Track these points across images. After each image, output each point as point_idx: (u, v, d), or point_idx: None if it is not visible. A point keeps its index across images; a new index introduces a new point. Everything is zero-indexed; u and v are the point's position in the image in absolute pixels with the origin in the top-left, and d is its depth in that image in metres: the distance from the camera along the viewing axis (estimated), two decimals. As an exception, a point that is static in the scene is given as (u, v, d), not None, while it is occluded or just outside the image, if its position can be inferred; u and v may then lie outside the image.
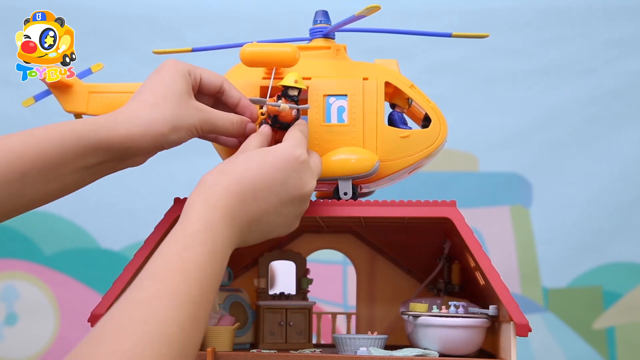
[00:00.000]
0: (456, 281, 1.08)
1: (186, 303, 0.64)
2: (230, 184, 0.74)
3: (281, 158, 0.79)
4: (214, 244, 0.70)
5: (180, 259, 0.66)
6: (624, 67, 1.89)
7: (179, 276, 0.65)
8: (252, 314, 1.08)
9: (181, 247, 0.67)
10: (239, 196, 0.74)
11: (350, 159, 0.90)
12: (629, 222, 1.86)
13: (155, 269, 0.65)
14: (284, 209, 0.79)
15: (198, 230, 0.69)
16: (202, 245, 0.68)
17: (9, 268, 1.87)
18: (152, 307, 0.62)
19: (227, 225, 0.72)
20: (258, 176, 0.76)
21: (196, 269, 0.66)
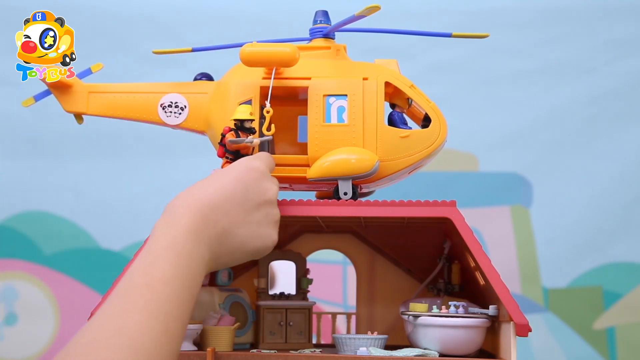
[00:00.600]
0: (456, 281, 1.08)
1: (156, 316, 0.66)
2: (191, 202, 0.77)
3: (238, 170, 0.82)
4: (178, 258, 0.72)
5: (147, 275, 0.69)
6: (624, 67, 1.89)
7: (146, 292, 0.67)
8: (252, 314, 1.08)
9: (147, 264, 0.70)
10: (201, 212, 0.76)
11: (350, 159, 0.90)
12: (629, 222, 1.86)
13: (123, 287, 0.68)
14: (252, 217, 0.80)
15: (162, 247, 0.72)
16: (167, 261, 0.71)
17: (8, 268, 1.87)
18: (122, 321, 0.65)
19: (192, 241, 0.74)
20: (218, 190, 0.79)
21: (163, 284, 0.69)
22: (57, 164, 1.89)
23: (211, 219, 0.76)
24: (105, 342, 0.63)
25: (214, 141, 0.95)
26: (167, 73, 1.75)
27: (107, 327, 0.64)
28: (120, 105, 0.97)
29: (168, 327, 0.67)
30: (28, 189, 1.88)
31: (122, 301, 0.67)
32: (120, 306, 0.66)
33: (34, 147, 1.90)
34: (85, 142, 1.89)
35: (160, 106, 0.96)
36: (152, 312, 0.66)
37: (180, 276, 0.70)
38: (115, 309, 0.66)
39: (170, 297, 0.68)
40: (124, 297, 0.67)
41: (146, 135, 1.87)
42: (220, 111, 0.93)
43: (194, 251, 0.73)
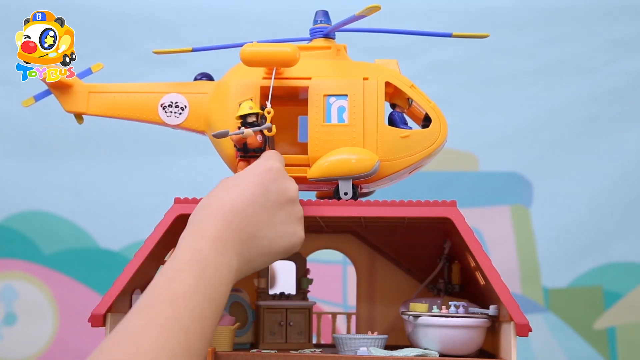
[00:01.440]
0: (456, 281, 1.08)
1: (176, 332, 0.65)
2: (215, 212, 0.77)
3: (255, 174, 0.81)
4: (203, 272, 0.71)
5: (169, 290, 0.68)
6: (624, 67, 1.89)
7: (167, 307, 0.67)
8: (252, 314, 1.08)
9: (169, 278, 0.70)
10: (226, 219, 0.76)
11: (351, 159, 0.90)
12: (629, 222, 1.86)
13: (145, 302, 0.68)
14: (276, 218, 0.80)
15: (185, 261, 0.71)
16: (190, 274, 0.70)
17: (8, 268, 1.87)
18: (141, 338, 0.64)
19: (219, 251, 0.74)
20: (239, 197, 0.78)
21: (185, 299, 0.68)
22: (56, 164, 1.89)
23: (236, 225, 0.76)
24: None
25: (214, 141, 0.95)
26: (167, 73, 1.75)
27: (125, 345, 0.63)
28: (121, 105, 0.97)
29: (189, 343, 0.66)
30: (27, 189, 1.88)
31: (141, 317, 0.66)
32: (139, 322, 0.65)
33: (33, 147, 1.90)
34: (85, 142, 1.89)
35: (161, 106, 0.96)
36: (173, 328, 0.65)
37: (203, 289, 0.70)
38: (134, 326, 0.65)
39: (193, 312, 0.67)
40: (144, 313, 0.66)
41: (146, 135, 1.87)
42: (220, 111, 0.93)
43: (220, 261, 0.73)
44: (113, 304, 0.89)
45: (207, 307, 0.69)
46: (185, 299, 0.68)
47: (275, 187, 0.81)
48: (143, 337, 0.64)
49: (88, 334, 1.04)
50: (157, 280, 0.70)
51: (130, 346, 0.63)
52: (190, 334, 0.66)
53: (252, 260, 0.78)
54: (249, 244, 0.77)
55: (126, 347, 0.63)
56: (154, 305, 0.67)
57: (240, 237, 0.76)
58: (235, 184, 0.81)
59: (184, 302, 0.68)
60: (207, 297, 0.70)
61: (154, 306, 0.67)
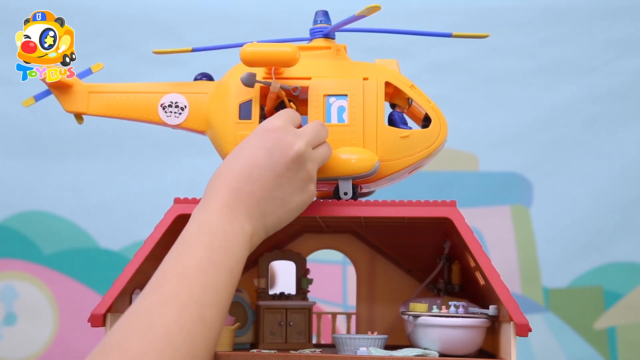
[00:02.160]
0: (456, 281, 1.08)
1: (188, 305, 0.65)
2: (221, 181, 0.77)
3: (257, 136, 0.81)
4: (212, 242, 0.71)
5: (179, 264, 0.69)
6: (624, 67, 1.89)
7: (178, 281, 0.67)
8: (252, 314, 1.08)
9: (179, 253, 0.70)
10: (232, 186, 0.76)
11: (350, 159, 0.90)
12: (629, 222, 1.86)
13: (157, 278, 0.68)
14: (283, 177, 0.79)
15: (194, 233, 0.72)
16: (199, 246, 0.70)
17: (7, 268, 1.87)
18: (153, 314, 0.64)
19: (229, 218, 0.74)
20: (243, 162, 0.78)
21: (195, 271, 0.68)
22: (56, 164, 1.89)
23: (243, 190, 0.76)
24: (137, 338, 0.62)
25: (214, 141, 0.95)
26: (167, 73, 1.75)
27: (138, 323, 0.64)
28: (121, 105, 0.97)
29: (203, 315, 0.66)
30: (27, 189, 1.88)
31: (153, 294, 0.66)
32: (151, 299, 0.66)
33: (33, 147, 1.90)
34: (85, 142, 1.89)
35: (161, 106, 0.96)
36: (184, 301, 0.66)
37: (214, 259, 0.70)
38: (146, 303, 0.66)
39: (204, 283, 0.68)
40: (156, 289, 0.67)
41: (146, 135, 1.87)
42: (220, 111, 0.93)
43: (229, 228, 0.73)
44: (113, 304, 0.89)
45: (220, 276, 0.69)
46: (196, 270, 0.68)
47: (278, 146, 0.80)
48: (154, 313, 0.64)
49: (88, 334, 1.04)
50: (168, 257, 0.70)
51: (142, 323, 0.64)
52: (203, 306, 0.66)
53: (268, 221, 0.78)
54: (259, 206, 0.77)
55: (138, 324, 0.63)
56: (165, 281, 0.67)
57: (249, 201, 0.76)
58: (240, 149, 0.80)
59: (195, 274, 0.68)
60: (219, 266, 0.70)
61: (165, 282, 0.67)
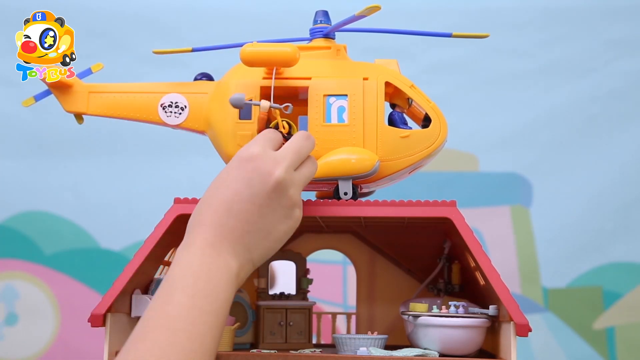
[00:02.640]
0: (456, 281, 1.08)
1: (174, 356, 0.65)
2: (202, 218, 0.75)
3: (235, 167, 0.78)
4: (195, 286, 0.70)
5: (164, 313, 0.68)
6: (624, 67, 1.89)
7: (163, 333, 0.66)
8: (252, 314, 1.08)
9: (164, 302, 0.69)
10: (214, 223, 0.75)
11: (350, 159, 0.90)
12: (629, 222, 1.86)
13: (142, 329, 0.67)
14: (265, 207, 0.77)
15: (176, 278, 0.71)
16: (183, 294, 0.69)
17: (8, 268, 1.87)
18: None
19: (212, 257, 0.73)
20: (221, 196, 0.76)
21: (180, 321, 0.67)
22: (57, 164, 1.89)
23: (226, 226, 0.74)
24: None
25: (214, 141, 0.95)
26: (168, 73, 1.75)
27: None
28: (121, 105, 0.97)
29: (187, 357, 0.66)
30: (28, 189, 1.89)
31: (139, 347, 0.66)
32: (137, 354, 0.65)
33: (34, 147, 1.90)
34: (86, 142, 1.89)
35: (161, 106, 0.96)
36: (170, 353, 0.65)
37: (198, 305, 0.69)
38: (133, 356, 0.65)
39: (189, 333, 0.67)
40: (141, 342, 0.66)
41: (146, 135, 1.87)
42: (220, 111, 0.93)
43: (214, 267, 0.72)
44: (113, 304, 0.89)
45: (205, 323, 0.68)
46: (180, 320, 0.67)
47: (257, 176, 0.77)
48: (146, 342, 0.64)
49: (89, 334, 1.04)
50: (152, 304, 0.69)
51: None
52: (188, 354, 0.66)
53: (254, 254, 0.77)
54: (244, 241, 0.75)
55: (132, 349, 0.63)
56: (150, 333, 0.67)
57: (232, 237, 0.74)
58: (220, 182, 0.78)
59: (179, 324, 0.67)
60: (204, 312, 0.69)
61: (149, 334, 0.67)
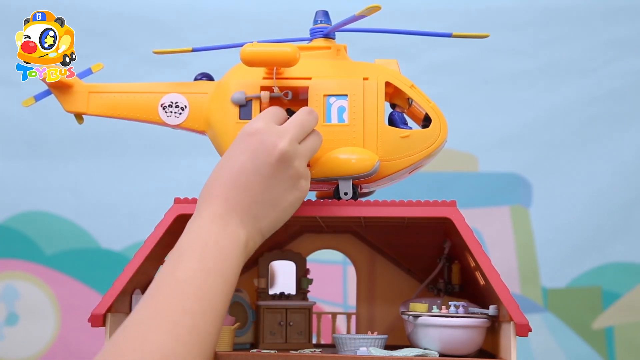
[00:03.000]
0: (456, 281, 1.08)
1: (182, 317, 0.66)
2: (210, 191, 0.78)
3: (240, 140, 0.81)
4: (203, 250, 0.72)
5: (172, 276, 0.70)
6: (624, 67, 1.89)
7: (171, 294, 0.68)
8: (252, 314, 1.08)
9: (172, 266, 0.71)
10: (222, 195, 0.77)
11: (351, 159, 0.90)
12: (628, 222, 1.86)
13: (151, 292, 0.69)
14: (271, 179, 0.79)
15: (186, 244, 0.73)
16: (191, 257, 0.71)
17: (9, 268, 1.87)
18: (147, 328, 0.65)
19: (220, 227, 0.75)
20: (228, 170, 0.79)
21: (187, 283, 0.69)
22: (57, 164, 1.89)
23: (233, 198, 0.77)
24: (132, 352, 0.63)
25: (214, 141, 0.95)
26: (168, 73, 1.75)
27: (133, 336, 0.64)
28: (121, 105, 0.97)
29: (197, 326, 0.67)
30: (28, 189, 1.89)
31: (147, 307, 0.67)
32: (145, 313, 0.67)
33: (34, 147, 1.90)
34: (86, 142, 1.89)
35: (161, 106, 0.96)
36: (178, 313, 0.66)
37: (207, 268, 0.70)
38: (140, 316, 0.67)
39: (198, 294, 0.68)
40: (150, 303, 0.68)
41: (147, 136, 1.88)
42: (220, 111, 0.93)
43: (222, 236, 0.74)
44: (113, 304, 0.89)
45: (214, 285, 0.70)
46: (189, 281, 0.69)
47: (261, 148, 0.79)
48: (149, 327, 0.65)
49: (89, 334, 1.04)
50: (162, 269, 0.71)
51: (137, 336, 0.64)
52: (197, 316, 0.67)
53: (262, 224, 0.79)
54: (251, 211, 0.77)
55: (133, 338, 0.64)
56: (159, 294, 0.68)
57: (240, 208, 0.76)
58: (226, 156, 0.80)
59: (188, 286, 0.68)
60: (213, 275, 0.70)
61: (158, 295, 0.68)
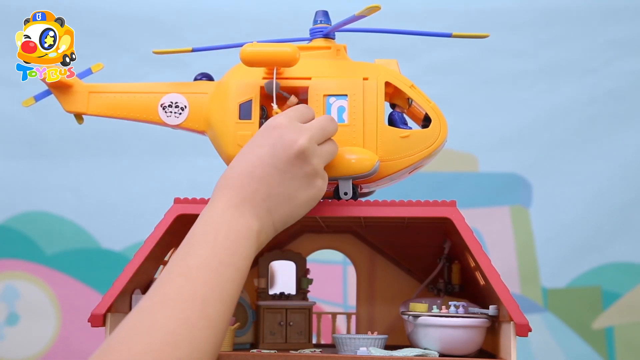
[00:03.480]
0: (456, 281, 1.08)
1: (191, 303, 0.66)
2: (226, 180, 0.78)
3: (261, 135, 0.81)
4: (215, 238, 0.72)
5: (184, 263, 0.70)
6: (623, 67, 1.89)
7: (182, 280, 0.68)
8: (252, 314, 1.08)
9: (184, 253, 0.71)
10: (237, 185, 0.77)
11: (350, 159, 0.90)
12: (628, 222, 1.86)
13: (162, 278, 0.69)
14: (288, 174, 0.80)
15: (198, 233, 0.73)
16: (203, 244, 0.71)
17: (9, 268, 1.87)
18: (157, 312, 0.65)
19: (234, 217, 0.75)
20: (245, 161, 0.79)
21: (198, 269, 0.69)
22: (57, 164, 1.90)
23: (248, 188, 0.77)
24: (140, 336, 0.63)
25: (214, 141, 0.95)
26: (168, 73, 1.75)
27: (142, 321, 0.64)
28: (121, 105, 0.97)
29: (207, 312, 0.66)
30: (29, 189, 1.89)
31: (157, 293, 0.67)
32: (155, 298, 0.67)
33: (34, 147, 1.90)
34: (86, 142, 1.89)
35: (161, 106, 0.96)
36: (187, 299, 0.66)
37: (219, 256, 0.70)
38: (150, 302, 0.66)
39: (209, 280, 0.68)
40: (160, 288, 0.68)
41: (147, 135, 1.88)
42: (220, 111, 0.93)
43: (235, 225, 0.74)
44: (113, 304, 0.89)
45: (225, 273, 0.70)
46: (200, 268, 0.69)
47: (281, 143, 0.80)
48: (158, 311, 0.65)
49: (90, 334, 1.04)
50: (173, 257, 0.71)
51: (146, 321, 0.64)
52: (207, 302, 0.67)
53: (275, 218, 0.79)
54: (265, 203, 0.77)
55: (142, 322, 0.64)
56: (169, 280, 0.68)
57: (254, 199, 0.77)
58: (246, 149, 0.81)
59: (199, 272, 0.68)
60: (224, 263, 0.70)
61: (169, 281, 0.68)
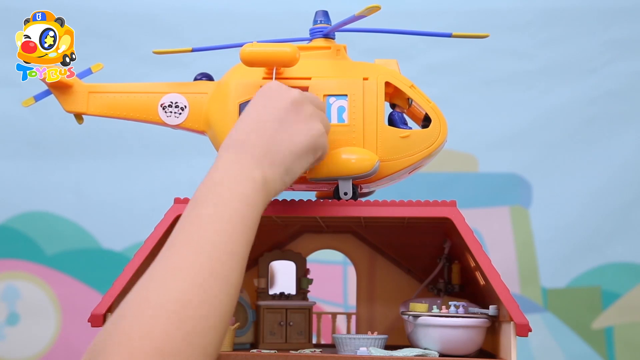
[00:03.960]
0: (456, 281, 1.08)
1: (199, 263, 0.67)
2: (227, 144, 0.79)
3: (258, 94, 0.84)
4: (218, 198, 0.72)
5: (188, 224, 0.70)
6: (623, 68, 1.89)
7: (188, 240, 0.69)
8: (252, 314, 1.09)
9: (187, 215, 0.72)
10: (236, 141, 0.78)
11: (350, 159, 0.90)
12: (628, 223, 1.86)
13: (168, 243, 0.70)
14: (285, 122, 0.81)
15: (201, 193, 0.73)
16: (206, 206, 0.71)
17: (10, 268, 1.87)
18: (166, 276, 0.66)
19: (236, 172, 0.75)
20: (245, 117, 0.81)
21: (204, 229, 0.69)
22: (58, 164, 1.90)
23: (248, 142, 0.78)
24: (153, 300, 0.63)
25: (214, 141, 0.95)
26: (168, 73, 1.75)
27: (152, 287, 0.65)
28: (121, 105, 0.97)
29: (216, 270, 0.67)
30: (29, 190, 1.89)
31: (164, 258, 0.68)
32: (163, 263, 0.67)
33: (35, 147, 1.90)
34: (87, 142, 1.89)
35: (161, 106, 0.96)
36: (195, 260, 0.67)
37: (221, 213, 0.71)
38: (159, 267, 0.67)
39: (214, 239, 0.69)
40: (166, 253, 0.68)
41: (147, 136, 1.88)
42: (220, 111, 0.93)
43: (237, 178, 0.74)
44: (113, 304, 0.89)
45: (231, 231, 0.70)
46: (204, 228, 0.69)
47: (275, 97, 0.82)
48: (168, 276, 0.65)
49: (91, 334, 1.04)
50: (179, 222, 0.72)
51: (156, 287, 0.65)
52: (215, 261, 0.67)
53: (278, 166, 0.79)
54: (268, 155, 0.78)
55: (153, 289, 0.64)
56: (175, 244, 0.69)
57: (255, 152, 0.77)
58: (244, 111, 0.82)
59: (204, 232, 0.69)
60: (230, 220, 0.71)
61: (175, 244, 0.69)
